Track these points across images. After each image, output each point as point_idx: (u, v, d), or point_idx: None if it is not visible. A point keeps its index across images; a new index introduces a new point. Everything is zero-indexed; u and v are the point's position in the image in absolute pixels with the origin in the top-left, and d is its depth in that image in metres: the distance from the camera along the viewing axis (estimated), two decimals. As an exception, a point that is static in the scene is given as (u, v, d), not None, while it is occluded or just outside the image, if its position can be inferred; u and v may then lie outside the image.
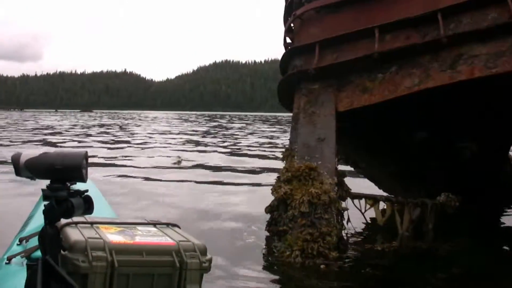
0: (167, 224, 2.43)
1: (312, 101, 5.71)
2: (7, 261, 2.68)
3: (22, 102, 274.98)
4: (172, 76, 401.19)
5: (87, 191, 1.95)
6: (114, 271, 2.00)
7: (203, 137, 27.30)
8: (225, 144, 22.36)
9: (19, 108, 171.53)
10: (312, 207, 5.10)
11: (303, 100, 5.80)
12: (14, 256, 2.64)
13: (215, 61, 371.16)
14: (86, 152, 1.91)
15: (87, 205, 1.95)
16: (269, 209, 5.55)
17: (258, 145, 21.62)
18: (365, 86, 5.51)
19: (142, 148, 18.83)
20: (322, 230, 5.03)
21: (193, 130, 33.80)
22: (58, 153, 1.90)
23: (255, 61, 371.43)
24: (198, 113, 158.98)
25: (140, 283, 2.07)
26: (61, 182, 1.88)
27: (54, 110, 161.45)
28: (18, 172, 1.96)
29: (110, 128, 35.29)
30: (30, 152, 1.93)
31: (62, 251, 2.02)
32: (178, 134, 28.89)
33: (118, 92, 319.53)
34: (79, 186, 1.96)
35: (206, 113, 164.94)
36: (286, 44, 6.52)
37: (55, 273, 1.88)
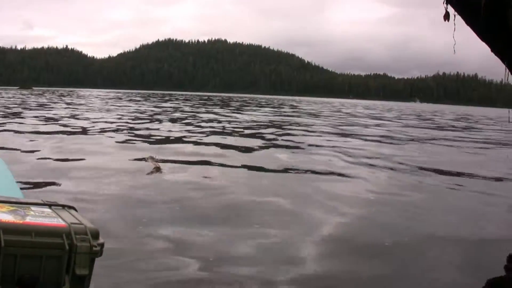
0: (63, 206, 2.35)
1: None
2: None
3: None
4: (114, 54, 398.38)
5: None
6: (0, 251, 1.91)
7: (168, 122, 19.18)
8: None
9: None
10: None
11: None
12: None
13: (158, 40, 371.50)
14: None
15: None
16: None
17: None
18: None
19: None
20: None
21: (145, 113, 24.97)
22: None
23: (198, 41, 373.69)
24: (143, 92, 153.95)
25: (28, 264, 1.98)
26: None
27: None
28: None
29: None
30: None
31: None
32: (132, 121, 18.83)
33: (59, 69, 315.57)
34: None
35: (149, 92, 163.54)
36: None
37: None
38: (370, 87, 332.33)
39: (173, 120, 19.77)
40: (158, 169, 7.03)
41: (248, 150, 10.38)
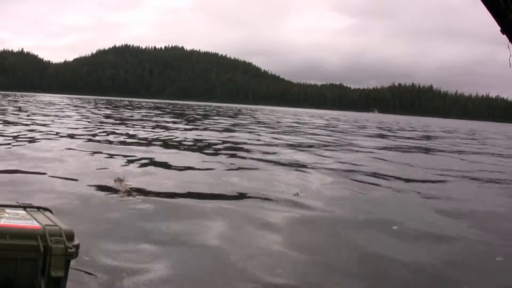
0: (38, 208, 2.32)
1: None
2: None
3: None
4: (70, 58, 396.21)
5: None
6: None
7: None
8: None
9: None
10: None
11: None
12: None
13: (115, 45, 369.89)
14: None
15: None
16: None
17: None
18: None
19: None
20: None
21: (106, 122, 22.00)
22: None
23: (155, 47, 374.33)
24: (100, 98, 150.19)
25: (3, 267, 1.95)
26: None
27: None
28: None
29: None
30: None
31: None
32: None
33: (14, 72, 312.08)
34: None
35: (104, 98, 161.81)
36: None
37: None
38: (326, 96, 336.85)
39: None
40: (129, 193, 6.07)
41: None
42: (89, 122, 20.95)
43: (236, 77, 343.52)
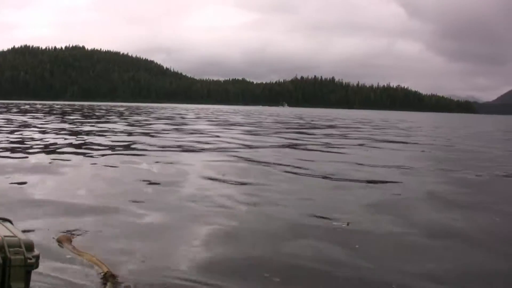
0: None
1: None
2: None
3: None
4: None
5: None
6: None
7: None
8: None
9: None
10: None
11: None
12: None
13: (14, 46, 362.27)
14: None
15: None
16: None
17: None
18: None
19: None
20: None
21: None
22: None
23: (55, 47, 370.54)
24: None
25: None
26: None
27: None
28: None
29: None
30: None
31: None
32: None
33: None
34: None
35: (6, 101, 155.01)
36: None
37: None
38: (230, 92, 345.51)
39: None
40: (112, 278, 3.14)
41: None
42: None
43: (139, 76, 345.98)
